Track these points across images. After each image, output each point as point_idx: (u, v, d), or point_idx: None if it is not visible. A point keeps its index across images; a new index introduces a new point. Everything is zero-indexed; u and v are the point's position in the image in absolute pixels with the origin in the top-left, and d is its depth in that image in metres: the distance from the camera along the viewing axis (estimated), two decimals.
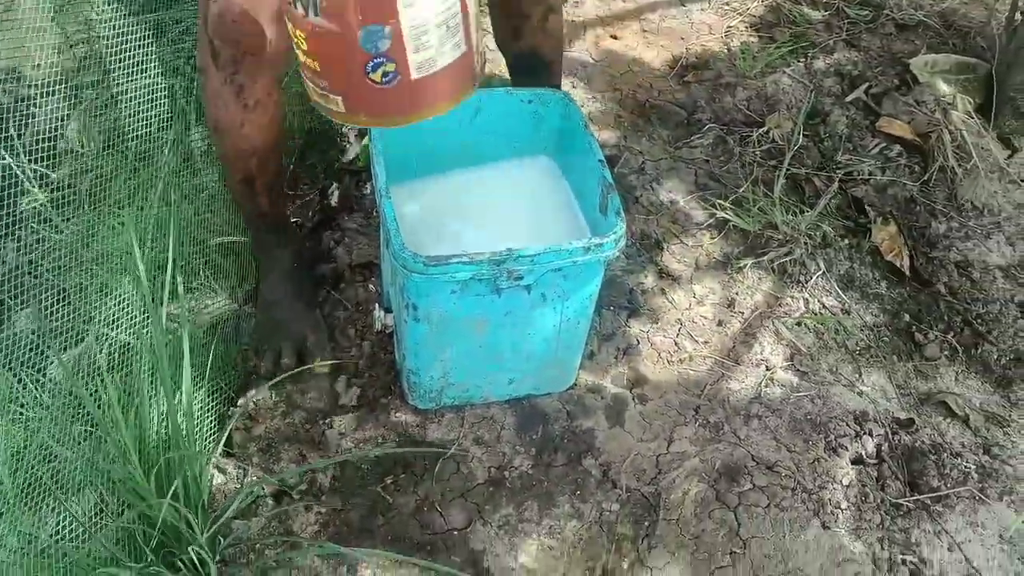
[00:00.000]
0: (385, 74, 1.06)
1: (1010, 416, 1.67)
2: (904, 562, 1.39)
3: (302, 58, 1.11)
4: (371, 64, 1.05)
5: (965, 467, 1.53)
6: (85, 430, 1.27)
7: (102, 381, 1.24)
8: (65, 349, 1.35)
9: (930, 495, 1.48)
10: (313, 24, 1.05)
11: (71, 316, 1.40)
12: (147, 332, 1.37)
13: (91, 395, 1.25)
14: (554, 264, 1.30)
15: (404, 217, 1.48)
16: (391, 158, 1.39)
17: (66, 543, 1.19)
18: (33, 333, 1.35)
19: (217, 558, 1.25)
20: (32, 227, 1.44)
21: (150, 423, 1.32)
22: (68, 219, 1.49)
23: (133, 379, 1.34)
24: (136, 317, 1.42)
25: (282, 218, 1.60)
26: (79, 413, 1.29)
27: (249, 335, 1.61)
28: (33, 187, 1.47)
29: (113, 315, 1.40)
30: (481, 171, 1.58)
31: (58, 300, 1.39)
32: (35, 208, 1.46)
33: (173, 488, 1.20)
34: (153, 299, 1.35)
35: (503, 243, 1.28)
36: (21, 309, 1.36)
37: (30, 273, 1.39)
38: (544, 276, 1.33)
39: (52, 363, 1.32)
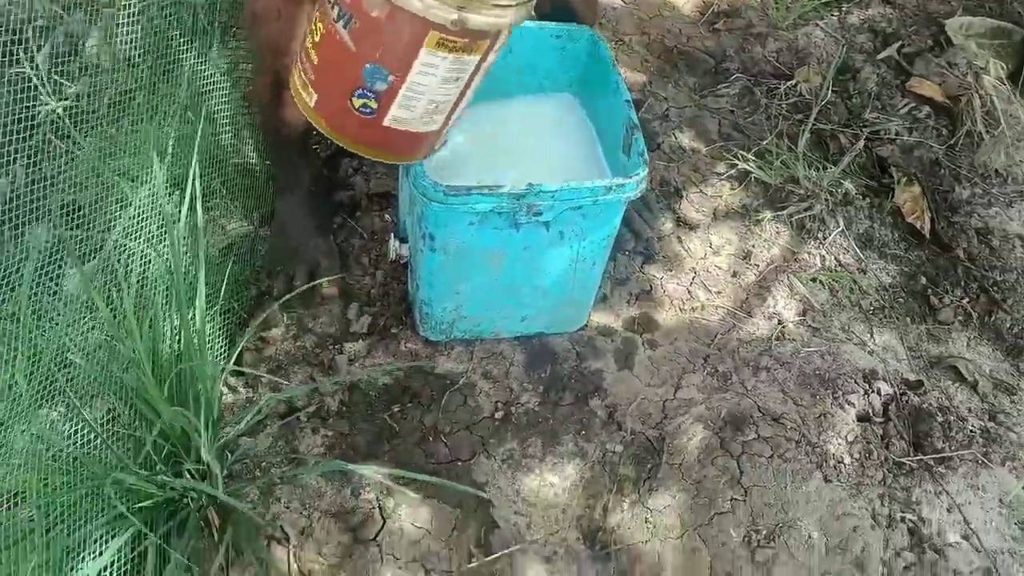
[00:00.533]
0: (364, 106, 1.13)
1: (1018, 385, 1.66)
2: (903, 520, 1.40)
3: (308, 45, 1.15)
4: (359, 92, 1.12)
5: (970, 431, 1.53)
6: (101, 338, 1.27)
7: (118, 290, 1.25)
8: (83, 261, 1.35)
9: (933, 456, 1.48)
10: (336, 30, 1.09)
11: (88, 228, 1.40)
12: (163, 246, 1.36)
13: (107, 305, 1.25)
14: (574, 202, 1.29)
15: None
16: None
17: (78, 448, 1.20)
18: (48, 244, 1.34)
19: (224, 472, 1.26)
20: (50, 140, 1.43)
21: (163, 336, 1.32)
22: (87, 135, 1.47)
23: (148, 291, 1.34)
24: (153, 233, 1.42)
25: (304, 133, 1.59)
26: (95, 322, 1.29)
27: (262, 257, 1.61)
28: (51, 100, 1.45)
29: (130, 228, 1.40)
30: (504, 105, 1.56)
31: (75, 212, 1.39)
32: (53, 120, 1.45)
33: (183, 399, 1.21)
34: (170, 214, 1.34)
35: (523, 178, 1.27)
36: (39, 220, 1.36)
37: (48, 186, 1.38)
38: (563, 214, 1.32)
39: (68, 274, 1.32)
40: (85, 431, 1.22)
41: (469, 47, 1.12)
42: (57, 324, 1.25)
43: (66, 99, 1.44)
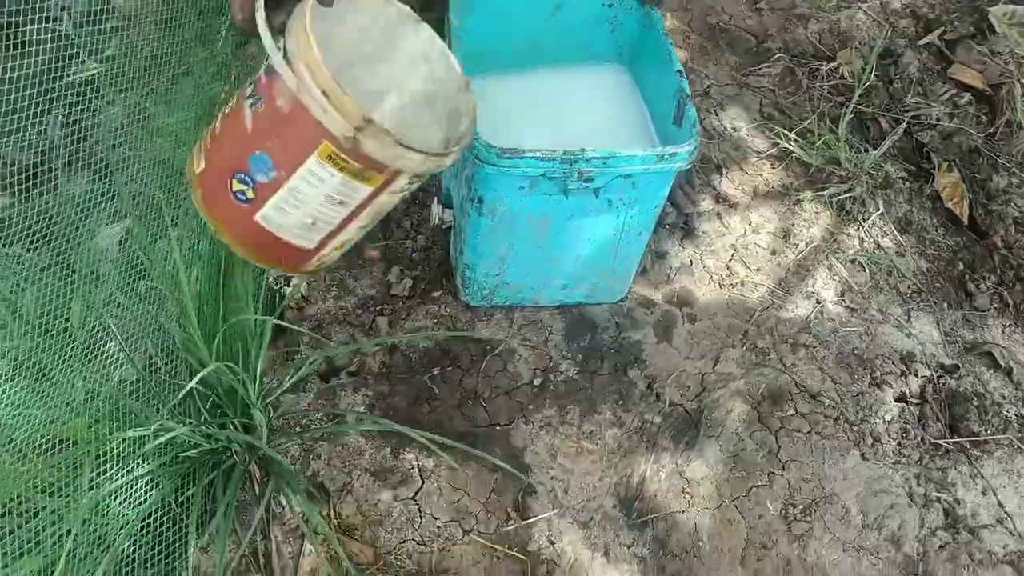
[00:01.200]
0: (241, 192, 1.09)
1: None
2: (939, 500, 1.40)
3: (219, 114, 1.13)
4: (240, 176, 1.09)
5: (1006, 416, 1.53)
6: (148, 287, 1.28)
7: (169, 242, 1.25)
8: (118, 217, 1.35)
9: (969, 439, 1.48)
10: (243, 108, 1.07)
11: (128, 182, 1.40)
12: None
13: (150, 258, 1.26)
14: (625, 169, 1.29)
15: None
16: (466, 47, 1.37)
17: (127, 397, 1.21)
18: (88, 196, 1.34)
19: (267, 426, 1.27)
20: (85, 98, 1.43)
21: (210, 292, 1.33)
22: (122, 90, 1.47)
23: (194, 247, 1.34)
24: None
25: None
26: (143, 274, 1.30)
27: None
28: (88, 58, 1.45)
29: (170, 183, 1.40)
30: (553, 72, 1.55)
31: (115, 168, 1.38)
32: (89, 78, 1.44)
33: (229, 354, 1.21)
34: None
35: (570, 144, 1.27)
36: (77, 173, 1.35)
37: (83, 140, 1.37)
38: (614, 181, 1.32)
39: (104, 227, 1.32)
40: (135, 379, 1.23)
41: (362, 173, 1.08)
42: (107, 276, 1.25)
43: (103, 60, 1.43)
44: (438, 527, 1.34)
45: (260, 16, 1.03)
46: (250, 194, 1.09)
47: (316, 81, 0.99)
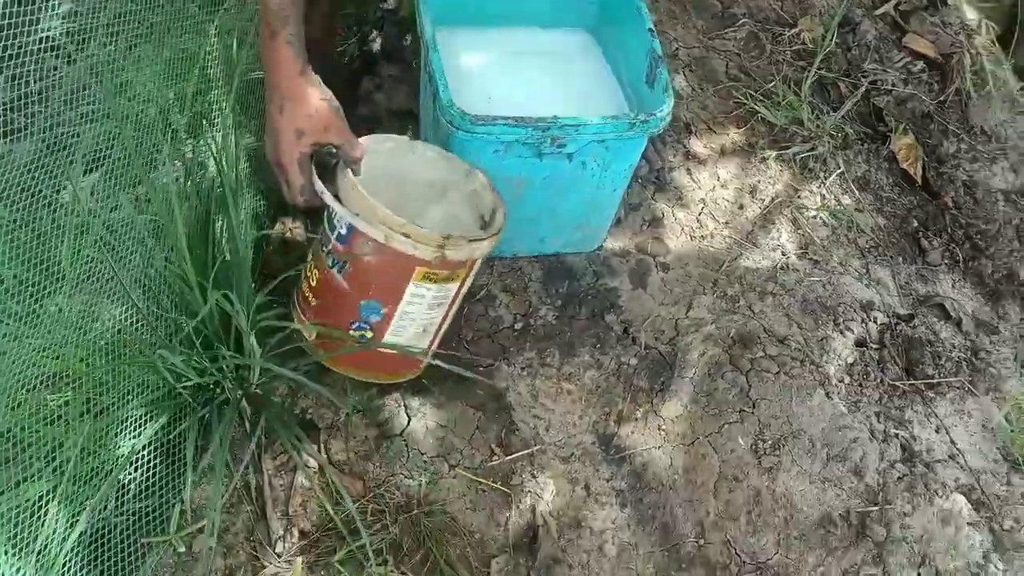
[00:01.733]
0: (361, 336, 1.27)
1: (997, 326, 1.76)
2: (897, 436, 1.48)
3: (304, 289, 1.31)
4: (355, 324, 1.26)
5: (957, 361, 1.62)
6: (146, 223, 1.29)
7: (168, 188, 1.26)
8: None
9: (924, 381, 1.57)
10: (332, 276, 1.25)
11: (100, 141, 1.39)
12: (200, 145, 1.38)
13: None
14: (598, 136, 1.33)
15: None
16: (434, 5, 1.40)
17: (121, 332, 1.22)
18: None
19: (260, 359, 1.29)
20: (44, 57, 1.42)
21: (205, 232, 1.34)
22: (82, 51, 1.46)
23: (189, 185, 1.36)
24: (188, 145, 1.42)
25: (329, 50, 1.60)
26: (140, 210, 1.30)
27: None
28: (47, 13, 1.44)
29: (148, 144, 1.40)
30: (525, 32, 1.58)
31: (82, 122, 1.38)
32: (48, 37, 1.44)
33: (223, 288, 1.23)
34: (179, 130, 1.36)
35: (542, 110, 1.31)
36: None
37: (39, 101, 1.37)
38: (588, 146, 1.36)
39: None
40: (129, 312, 1.24)
41: (450, 277, 1.26)
42: (100, 209, 1.26)
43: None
44: (425, 462, 1.38)
45: (329, 198, 1.21)
46: (368, 334, 1.27)
47: (396, 228, 1.17)
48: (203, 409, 1.28)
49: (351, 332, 1.26)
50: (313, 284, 1.28)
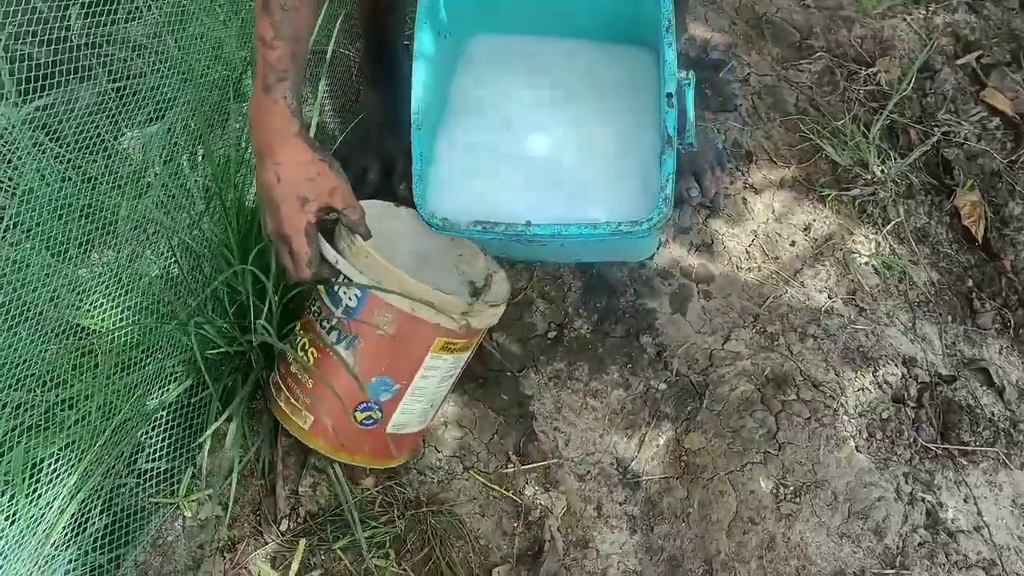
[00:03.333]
0: (368, 418, 1.18)
1: None
2: (923, 500, 1.44)
3: (295, 371, 1.19)
4: (363, 407, 1.17)
5: (995, 431, 1.58)
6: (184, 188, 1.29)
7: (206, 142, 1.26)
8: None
9: (959, 447, 1.53)
10: (335, 352, 1.15)
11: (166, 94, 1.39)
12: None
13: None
14: (579, 240, 1.22)
15: (469, 75, 1.39)
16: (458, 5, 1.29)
17: (163, 290, 1.22)
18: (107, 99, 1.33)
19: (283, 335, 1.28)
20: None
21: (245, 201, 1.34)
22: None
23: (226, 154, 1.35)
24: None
25: (400, 34, 1.59)
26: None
27: (339, 146, 1.62)
28: None
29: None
30: (571, 49, 1.42)
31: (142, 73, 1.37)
32: None
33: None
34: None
35: (566, 146, 1.27)
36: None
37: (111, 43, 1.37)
38: (573, 241, 1.25)
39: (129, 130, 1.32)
40: (169, 272, 1.24)
41: (467, 345, 1.22)
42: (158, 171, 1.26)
43: None
44: (439, 460, 1.37)
45: (346, 266, 1.13)
46: (376, 415, 1.19)
47: (418, 297, 1.11)
48: (228, 378, 1.28)
49: (357, 415, 1.18)
50: (309, 365, 1.18)
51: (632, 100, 1.34)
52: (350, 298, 1.14)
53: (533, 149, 1.34)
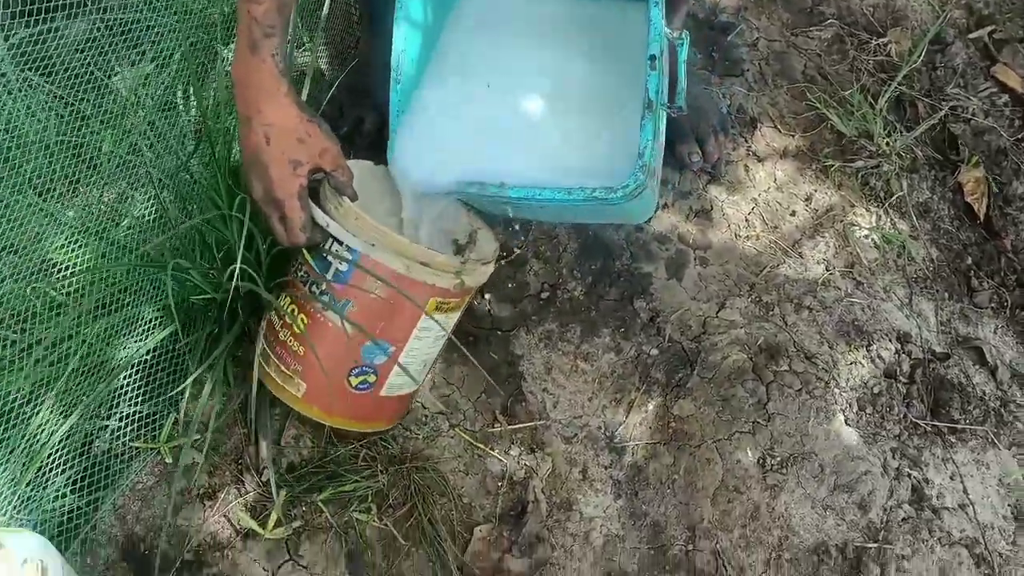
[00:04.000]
0: (362, 383, 1.16)
1: None
2: (910, 476, 1.44)
3: (284, 339, 1.16)
4: (357, 371, 1.14)
5: (985, 410, 1.57)
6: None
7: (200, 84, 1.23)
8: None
9: (948, 424, 1.52)
10: (327, 319, 1.11)
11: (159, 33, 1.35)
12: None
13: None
14: (555, 203, 1.19)
15: (457, 31, 1.34)
16: None
17: (150, 230, 1.20)
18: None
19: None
20: None
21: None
22: None
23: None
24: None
25: None
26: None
27: (335, 95, 1.59)
28: None
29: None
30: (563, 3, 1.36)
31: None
32: None
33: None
34: None
35: (549, 108, 1.23)
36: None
37: None
38: (550, 204, 1.21)
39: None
40: (155, 213, 1.21)
41: (459, 304, 1.21)
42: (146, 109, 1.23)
43: None
44: (425, 416, 1.35)
45: (339, 229, 1.11)
46: (371, 379, 1.17)
47: (412, 257, 1.10)
48: (213, 325, 1.26)
49: (351, 380, 1.16)
50: (298, 331, 1.15)
51: (624, 61, 1.29)
52: (340, 262, 1.11)
53: (515, 109, 1.29)
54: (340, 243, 1.11)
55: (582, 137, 1.28)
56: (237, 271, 1.09)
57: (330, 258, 1.12)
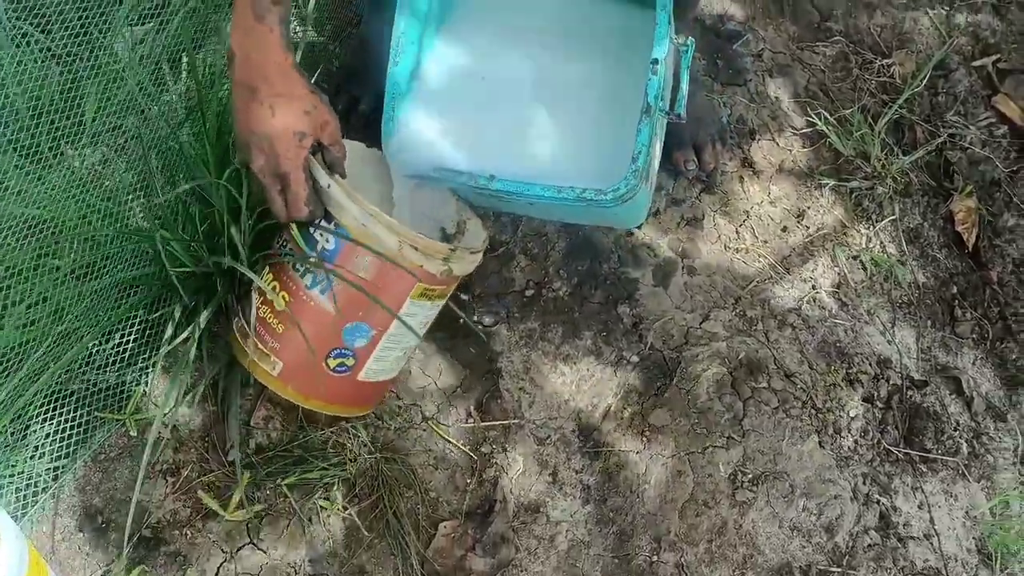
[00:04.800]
0: (340, 365, 1.13)
1: (1007, 414, 1.70)
2: (879, 503, 1.43)
3: (263, 315, 1.13)
4: (336, 352, 1.12)
5: (958, 441, 1.57)
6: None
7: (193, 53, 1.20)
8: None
9: (920, 453, 1.52)
10: (310, 297, 1.09)
11: None
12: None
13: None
14: (544, 200, 1.17)
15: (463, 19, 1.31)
16: None
17: (134, 197, 1.17)
18: None
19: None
20: None
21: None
22: None
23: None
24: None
25: None
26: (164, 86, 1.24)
27: (332, 71, 1.56)
28: None
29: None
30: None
31: None
32: None
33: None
34: None
35: (548, 104, 1.20)
36: None
37: None
38: (540, 201, 1.19)
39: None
40: (141, 180, 1.19)
41: (444, 292, 1.19)
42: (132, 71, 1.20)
43: None
44: (399, 407, 1.33)
45: (339, 192, 1.08)
46: (350, 362, 1.14)
47: (404, 239, 1.08)
48: (191, 298, 1.23)
49: (328, 360, 1.14)
50: (279, 308, 1.12)
51: (626, 64, 1.27)
52: (327, 240, 1.09)
53: (512, 103, 1.27)
54: (329, 220, 1.09)
55: (577, 136, 1.26)
56: (225, 245, 1.07)
57: (318, 235, 1.10)
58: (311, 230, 1.11)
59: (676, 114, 1.16)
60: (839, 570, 1.35)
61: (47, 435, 1.15)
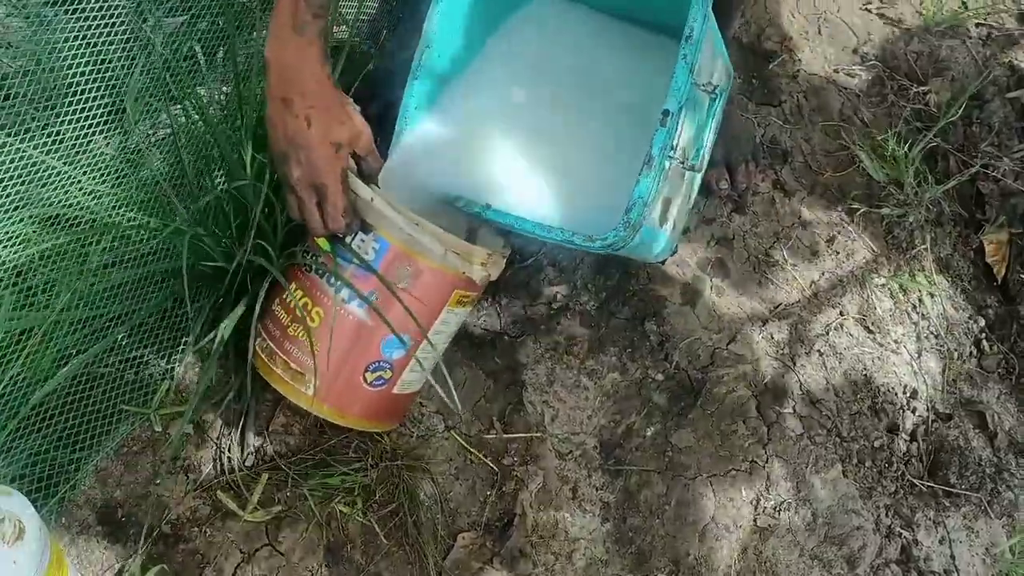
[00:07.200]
0: (378, 379, 1.11)
1: None
2: (900, 535, 1.42)
3: (294, 335, 1.09)
4: (373, 366, 1.09)
5: (981, 476, 1.55)
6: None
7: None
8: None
9: (944, 487, 1.50)
10: (348, 311, 1.07)
11: None
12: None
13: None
14: (535, 237, 1.14)
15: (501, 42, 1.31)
16: None
17: (166, 189, 1.16)
18: None
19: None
20: None
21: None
22: None
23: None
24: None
25: None
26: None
27: (366, 75, 1.55)
28: None
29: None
30: (605, 25, 1.33)
31: None
32: None
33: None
34: None
35: (562, 139, 1.19)
36: None
37: None
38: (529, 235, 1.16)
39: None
40: (175, 172, 1.18)
41: (475, 299, 1.18)
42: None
43: None
44: (421, 415, 1.32)
45: (381, 202, 1.06)
46: (387, 375, 1.13)
47: (447, 246, 1.07)
48: (221, 296, 1.23)
49: (367, 376, 1.11)
50: (313, 326, 1.09)
51: (649, 111, 1.16)
52: (366, 251, 1.07)
53: (527, 133, 1.25)
54: (366, 232, 1.08)
55: (589, 175, 1.24)
56: (251, 244, 1.06)
57: (356, 246, 1.08)
58: (348, 241, 1.09)
59: (689, 166, 1.13)
60: None
61: (70, 425, 1.14)
